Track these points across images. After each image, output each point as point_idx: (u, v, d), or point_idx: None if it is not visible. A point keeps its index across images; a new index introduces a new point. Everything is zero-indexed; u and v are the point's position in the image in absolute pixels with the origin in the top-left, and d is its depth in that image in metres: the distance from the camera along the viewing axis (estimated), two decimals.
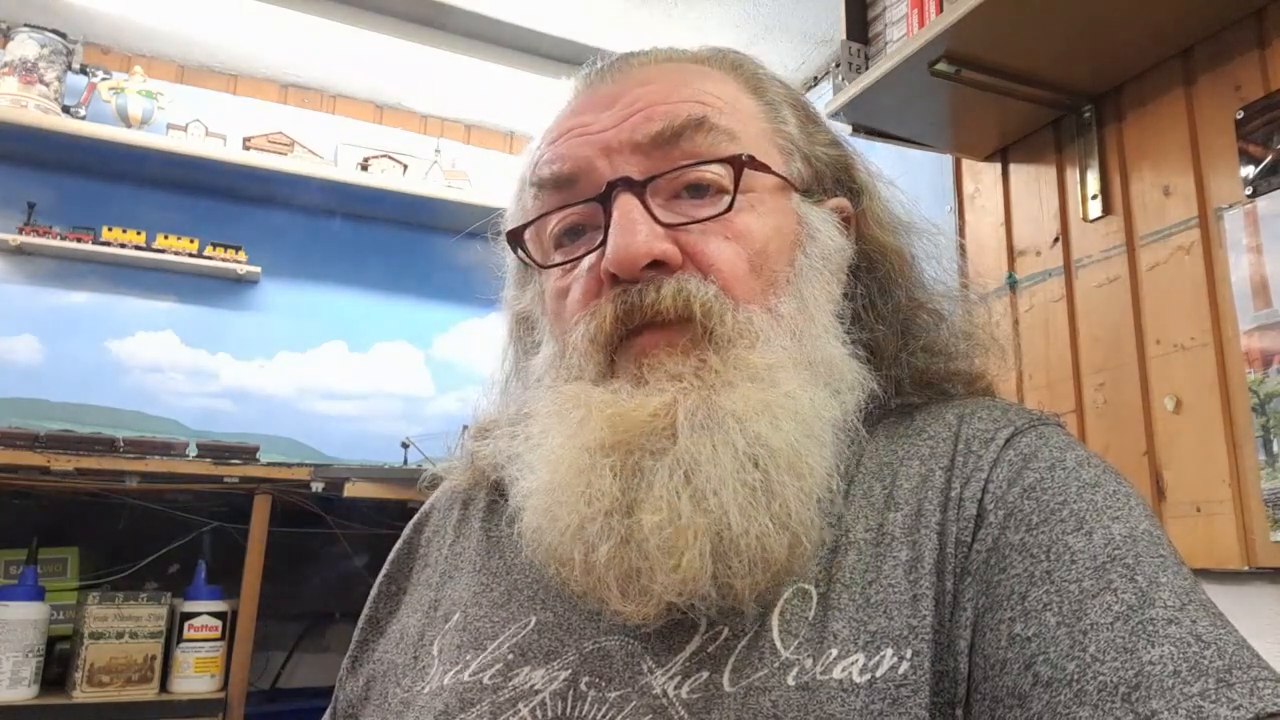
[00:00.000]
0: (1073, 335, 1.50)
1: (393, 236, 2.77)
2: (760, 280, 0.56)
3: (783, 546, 0.48)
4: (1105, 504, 0.48)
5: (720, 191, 0.57)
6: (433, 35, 2.37)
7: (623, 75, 0.62)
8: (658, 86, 0.60)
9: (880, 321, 0.62)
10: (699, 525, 0.47)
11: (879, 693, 0.45)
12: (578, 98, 0.63)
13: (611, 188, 0.56)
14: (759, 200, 0.58)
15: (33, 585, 1.81)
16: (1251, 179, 1.25)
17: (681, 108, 0.58)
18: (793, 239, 0.59)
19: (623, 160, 0.57)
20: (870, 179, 0.66)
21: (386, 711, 0.58)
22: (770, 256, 0.57)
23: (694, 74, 0.62)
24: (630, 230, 0.54)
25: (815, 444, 0.51)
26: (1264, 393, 1.20)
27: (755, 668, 0.48)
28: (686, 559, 0.47)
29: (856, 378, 0.57)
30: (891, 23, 1.52)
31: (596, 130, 0.59)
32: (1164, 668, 0.40)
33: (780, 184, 0.60)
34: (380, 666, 0.63)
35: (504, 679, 0.53)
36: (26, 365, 2.31)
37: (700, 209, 0.56)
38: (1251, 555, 1.19)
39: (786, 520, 0.48)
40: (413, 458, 2.37)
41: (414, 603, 0.65)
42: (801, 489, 0.49)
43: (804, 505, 0.49)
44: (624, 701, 0.49)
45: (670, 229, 0.55)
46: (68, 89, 2.33)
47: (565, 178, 0.59)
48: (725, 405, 0.50)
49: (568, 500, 0.50)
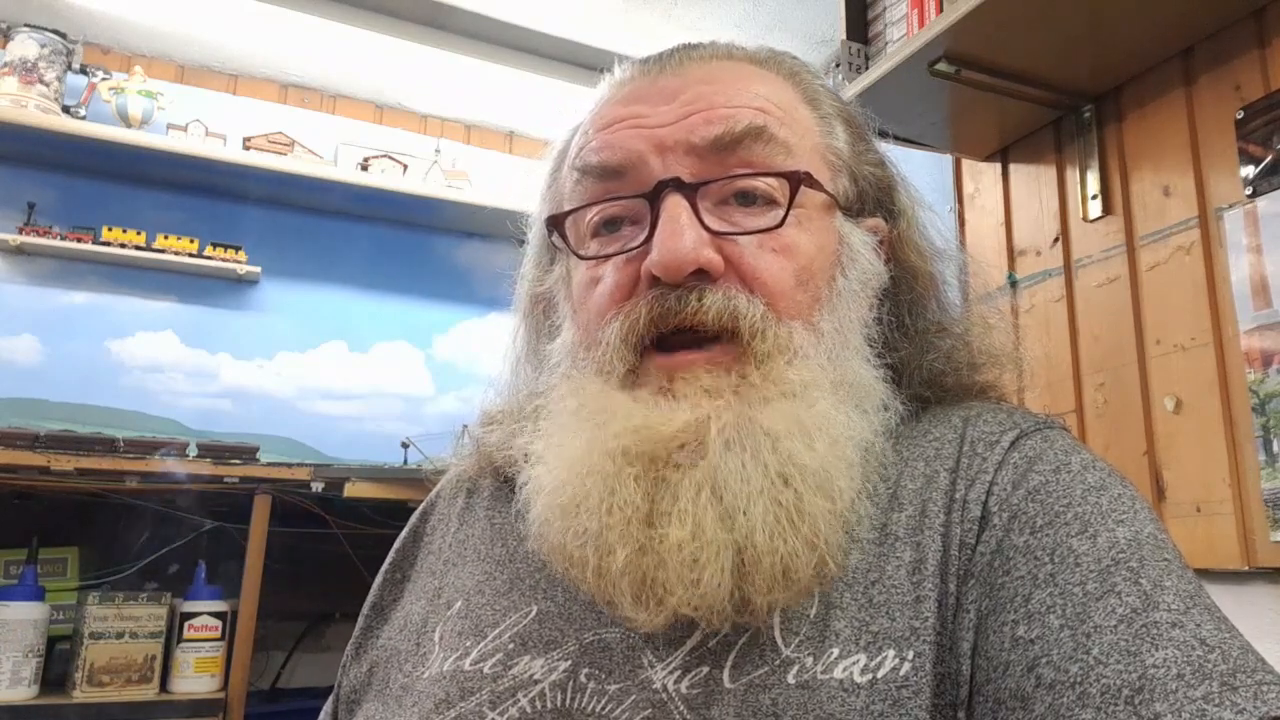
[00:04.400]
0: (1073, 335, 1.50)
1: (393, 236, 2.76)
2: (805, 297, 0.55)
3: (809, 567, 0.47)
4: (1109, 507, 0.48)
5: (770, 203, 0.56)
6: (433, 35, 2.37)
7: (683, 69, 0.60)
8: (720, 87, 0.58)
9: (906, 341, 0.62)
10: (723, 541, 0.47)
11: (880, 693, 0.45)
12: (633, 84, 0.61)
13: (662, 187, 0.54)
14: (806, 217, 0.57)
15: (33, 585, 1.81)
16: (1251, 179, 1.25)
17: (743, 114, 0.56)
18: (834, 258, 0.58)
19: (676, 160, 0.56)
20: (910, 203, 0.65)
21: (387, 697, 0.58)
22: (814, 274, 0.56)
23: (755, 77, 0.60)
24: (678, 234, 0.53)
25: (845, 465, 0.51)
26: (1264, 393, 1.20)
27: (756, 664, 0.48)
28: (708, 574, 0.47)
29: (884, 400, 0.56)
30: (891, 23, 1.52)
31: (652, 125, 0.57)
32: (1167, 671, 0.40)
33: (827, 202, 0.59)
34: (383, 653, 0.63)
35: (504, 668, 0.53)
36: (26, 365, 2.30)
37: (750, 219, 0.55)
38: (1252, 555, 1.19)
39: (815, 541, 0.48)
40: (413, 458, 2.37)
41: (418, 589, 0.65)
42: (831, 510, 0.49)
43: (832, 527, 0.49)
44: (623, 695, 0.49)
45: (717, 236, 0.54)
46: (68, 89, 2.32)
47: (613, 169, 0.57)
48: (761, 422, 0.50)
49: (587, 505, 0.50)
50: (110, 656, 1.79)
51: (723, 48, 0.62)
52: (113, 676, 1.79)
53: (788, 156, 0.57)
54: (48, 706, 1.74)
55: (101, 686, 1.77)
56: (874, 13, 1.57)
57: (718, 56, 0.61)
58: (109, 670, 1.79)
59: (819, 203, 0.58)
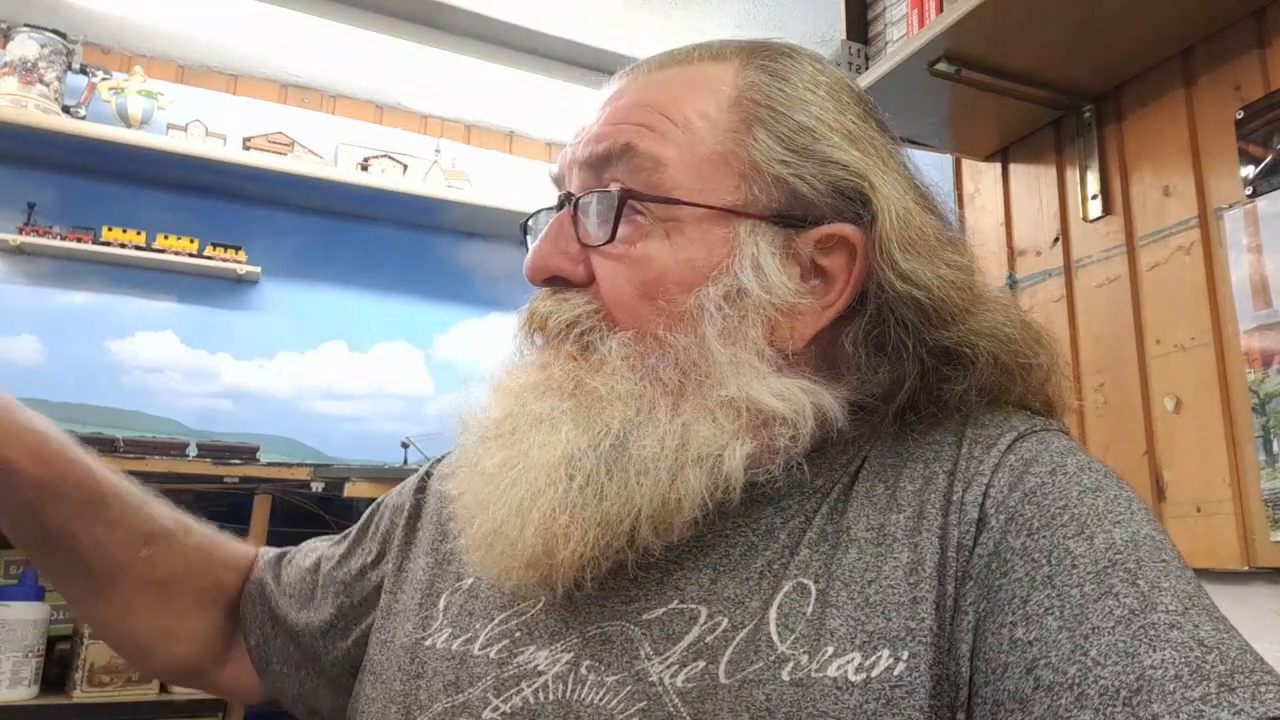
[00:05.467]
0: (1073, 335, 1.50)
1: (393, 236, 2.76)
2: (648, 308, 0.56)
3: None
4: (1106, 509, 0.48)
5: (638, 214, 0.57)
6: (433, 35, 2.37)
7: (629, 81, 0.62)
8: (623, 103, 0.60)
9: (883, 357, 0.57)
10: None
11: (873, 693, 0.45)
12: (601, 95, 0.65)
13: (564, 199, 0.61)
14: (676, 229, 0.56)
15: (33, 585, 1.81)
16: (1251, 179, 1.25)
17: (621, 131, 0.58)
18: (714, 270, 0.56)
19: (574, 175, 0.61)
20: (890, 202, 0.56)
21: (390, 653, 0.61)
22: (667, 286, 0.56)
23: (674, 86, 0.60)
24: (540, 244, 0.59)
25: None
26: (1264, 393, 1.20)
27: (751, 660, 0.48)
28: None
29: (788, 410, 0.54)
30: (891, 23, 1.52)
31: (574, 140, 0.62)
32: (1165, 672, 0.40)
33: (710, 214, 0.56)
34: (385, 601, 0.66)
35: (509, 654, 0.55)
36: (26, 365, 2.31)
37: (601, 234, 0.58)
38: (1252, 555, 1.19)
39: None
40: (413, 458, 2.37)
41: (424, 545, 0.68)
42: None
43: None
44: (620, 686, 0.50)
45: (585, 249, 0.58)
46: (68, 89, 2.32)
47: (555, 179, 0.64)
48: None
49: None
50: (110, 656, 1.79)
51: (681, 54, 0.62)
52: (113, 676, 1.79)
53: (655, 170, 0.57)
54: (48, 706, 1.74)
55: (101, 686, 1.78)
56: (874, 13, 1.57)
57: (671, 64, 0.62)
58: (109, 670, 1.79)
59: (700, 214, 0.56)
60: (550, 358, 0.58)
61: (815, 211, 0.57)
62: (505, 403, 0.58)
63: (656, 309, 0.56)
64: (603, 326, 0.57)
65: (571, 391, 0.55)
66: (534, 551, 0.52)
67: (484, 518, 0.55)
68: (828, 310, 0.57)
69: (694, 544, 0.54)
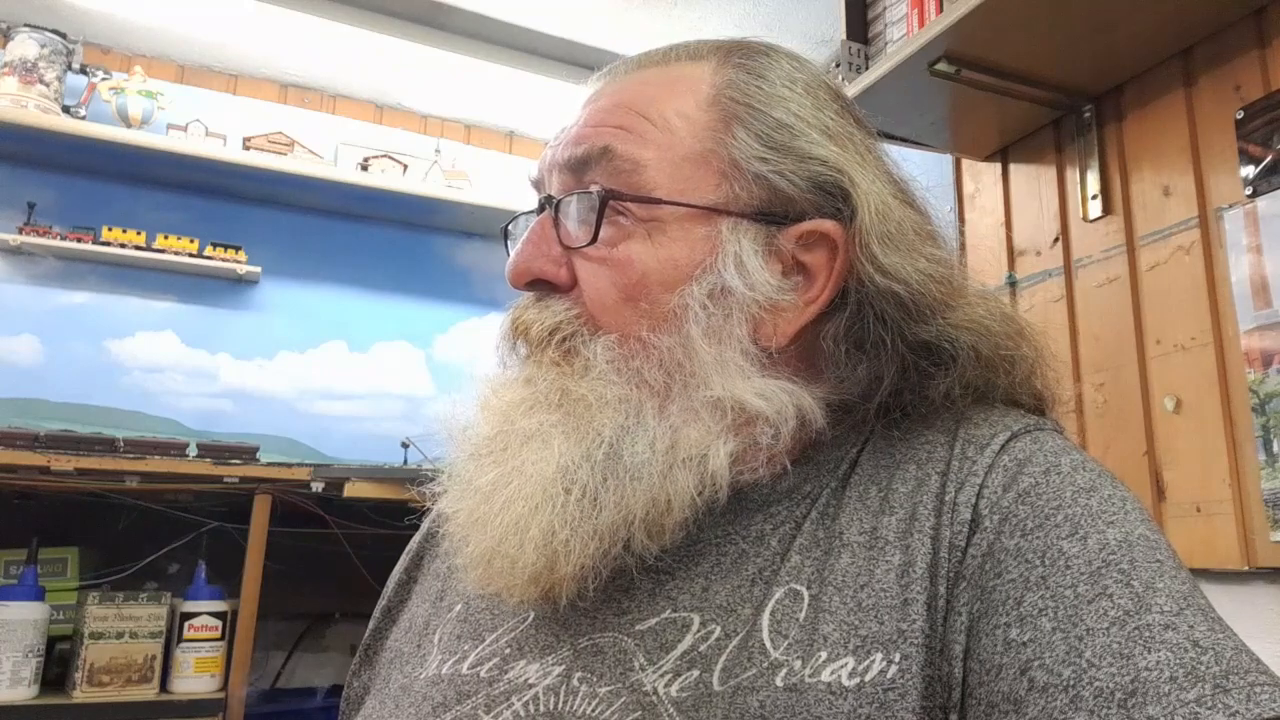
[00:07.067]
0: (1073, 335, 1.50)
1: (393, 236, 2.76)
2: (631, 311, 0.56)
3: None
4: (1100, 509, 0.48)
5: (618, 215, 0.57)
6: (433, 35, 2.37)
7: (609, 83, 0.62)
8: (601, 105, 0.60)
9: (863, 354, 0.57)
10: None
11: (867, 697, 0.45)
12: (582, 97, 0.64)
13: (544, 203, 0.60)
14: (658, 229, 0.56)
15: (33, 585, 1.81)
16: (1251, 179, 1.25)
17: (600, 133, 0.58)
18: (698, 269, 0.55)
19: (554, 178, 0.60)
20: (869, 196, 0.56)
21: (385, 696, 0.60)
22: (650, 288, 0.55)
23: (652, 86, 0.60)
24: (522, 247, 0.58)
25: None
26: (1264, 393, 1.20)
27: (744, 667, 0.48)
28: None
29: (770, 410, 0.54)
30: (891, 23, 1.52)
31: (553, 143, 0.61)
32: (1160, 673, 0.39)
33: (693, 212, 0.56)
34: (389, 654, 0.65)
35: (500, 671, 0.54)
36: (26, 365, 2.31)
37: (583, 236, 0.57)
38: (1252, 555, 1.19)
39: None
40: (413, 458, 2.37)
41: (424, 592, 0.67)
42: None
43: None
44: (614, 697, 0.49)
45: (567, 251, 0.58)
46: (68, 89, 2.33)
47: (534, 183, 0.64)
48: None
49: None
50: (110, 656, 1.79)
51: (659, 54, 0.62)
52: (113, 676, 1.79)
53: (634, 172, 0.56)
54: (48, 706, 1.74)
55: (101, 686, 1.78)
56: (874, 13, 1.57)
57: (648, 64, 0.62)
58: (109, 670, 1.79)
59: (681, 213, 0.56)
60: (534, 371, 0.57)
61: (796, 208, 0.57)
62: (493, 420, 0.57)
63: (640, 311, 0.55)
64: (585, 331, 0.56)
65: (558, 403, 0.55)
66: (536, 568, 0.52)
67: (480, 535, 0.54)
68: (810, 306, 0.57)
69: (685, 553, 0.54)
